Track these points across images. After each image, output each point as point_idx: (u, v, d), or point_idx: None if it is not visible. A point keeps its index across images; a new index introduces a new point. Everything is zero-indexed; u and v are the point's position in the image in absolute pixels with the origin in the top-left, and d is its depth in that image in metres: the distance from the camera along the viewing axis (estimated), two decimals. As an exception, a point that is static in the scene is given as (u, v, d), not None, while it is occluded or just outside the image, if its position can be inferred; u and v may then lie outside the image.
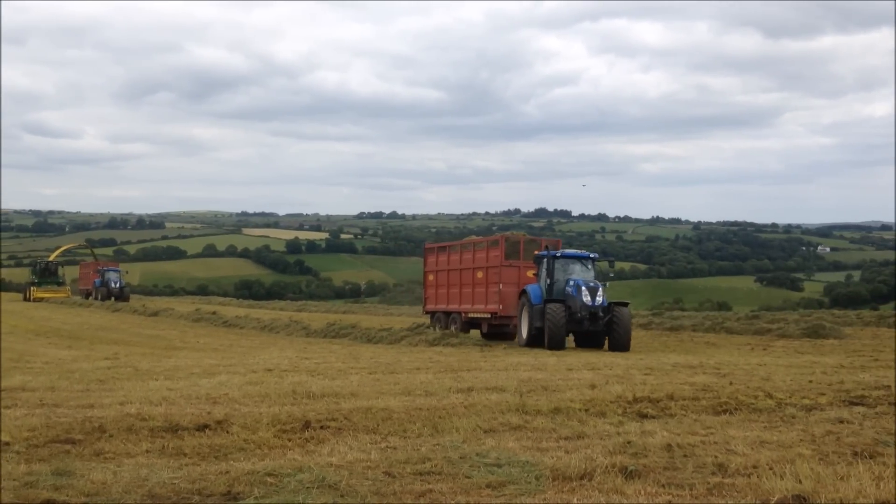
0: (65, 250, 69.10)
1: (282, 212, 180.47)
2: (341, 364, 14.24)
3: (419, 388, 9.48)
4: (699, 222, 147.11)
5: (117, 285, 51.06)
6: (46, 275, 56.10)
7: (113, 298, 49.19)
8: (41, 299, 51.79)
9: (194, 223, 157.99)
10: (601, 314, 20.54)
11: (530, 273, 23.12)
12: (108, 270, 53.38)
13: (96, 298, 50.53)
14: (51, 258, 60.38)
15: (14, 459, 5.27)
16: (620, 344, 20.26)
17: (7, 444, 5.72)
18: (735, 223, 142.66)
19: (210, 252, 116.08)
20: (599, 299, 20.77)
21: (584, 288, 20.80)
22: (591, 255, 22.40)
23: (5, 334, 27.15)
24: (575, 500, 4.57)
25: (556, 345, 20.13)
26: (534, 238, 25.45)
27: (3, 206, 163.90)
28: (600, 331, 20.67)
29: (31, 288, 54.11)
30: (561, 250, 22.55)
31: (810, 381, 10.32)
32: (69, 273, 60.02)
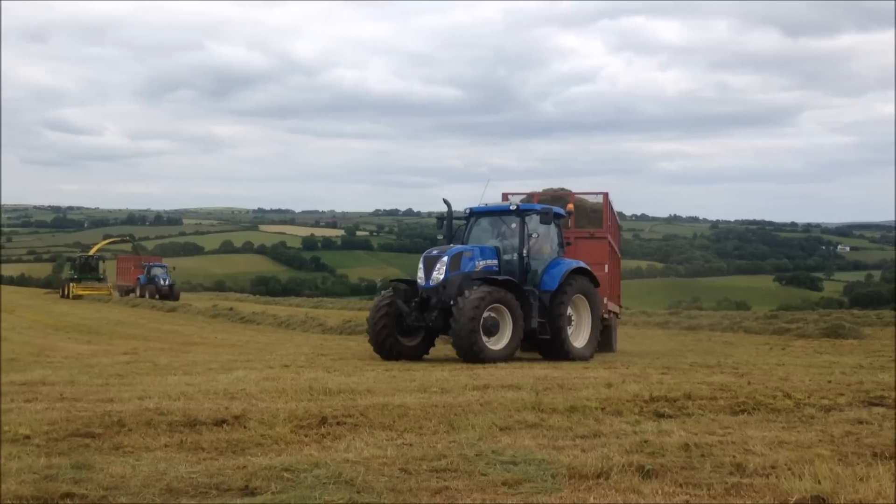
0: (107, 244, 65.52)
1: (298, 209, 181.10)
2: (357, 360, 14.28)
3: (435, 385, 9.49)
4: (717, 221, 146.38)
5: (166, 282, 47.38)
6: (86, 270, 52.67)
7: (158, 296, 45.31)
8: (80, 296, 48.78)
9: (212, 220, 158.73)
10: (442, 299, 13.65)
11: None
12: (154, 266, 49.93)
13: (142, 296, 46.78)
14: (91, 252, 56.97)
15: (34, 453, 5.32)
16: (458, 347, 13.29)
17: (27, 437, 5.77)
18: (754, 222, 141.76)
19: (227, 248, 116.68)
20: (439, 274, 13.88)
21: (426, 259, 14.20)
22: (512, 207, 15.17)
23: (26, 329, 27.42)
24: (591, 499, 4.56)
25: (382, 351, 13.97)
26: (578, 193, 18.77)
27: (23, 202, 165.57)
28: (438, 327, 13.92)
29: (71, 284, 50.79)
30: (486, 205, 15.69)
31: (829, 382, 10.23)
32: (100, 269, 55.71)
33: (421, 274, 14.13)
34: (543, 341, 14.64)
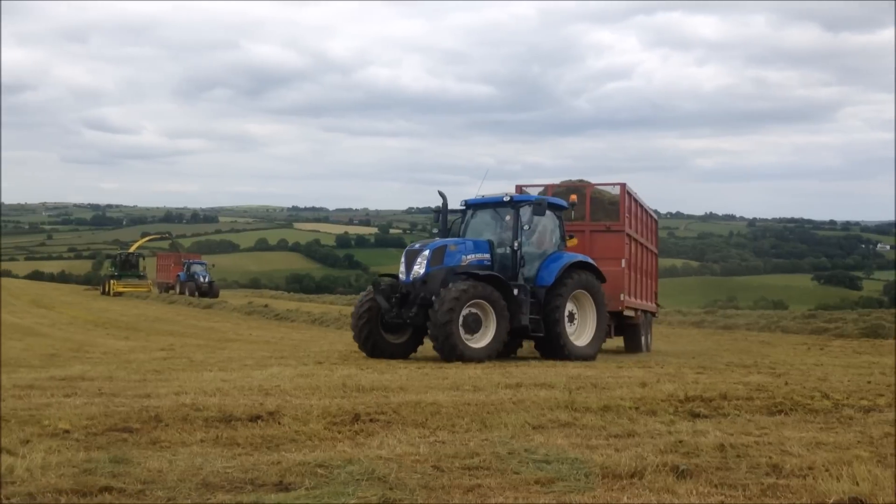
0: (147, 241, 66.04)
1: (332, 206, 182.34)
2: (390, 358, 14.32)
3: (467, 383, 9.49)
4: (754, 219, 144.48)
5: (205, 280, 47.72)
6: (127, 267, 53.09)
7: (197, 293, 45.68)
8: (121, 293, 49.40)
9: (247, 217, 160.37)
10: (422, 295, 13.17)
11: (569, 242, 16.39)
12: (194, 263, 49.99)
13: (182, 293, 47.04)
14: (131, 249, 57.53)
15: (73, 447, 5.41)
16: (436, 344, 12.94)
17: (67, 431, 5.87)
18: (791, 220, 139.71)
19: (262, 246, 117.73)
20: (420, 269, 13.47)
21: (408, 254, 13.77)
22: (505, 198, 14.51)
23: (66, 325, 27.92)
24: (625, 499, 4.53)
25: (366, 349, 13.73)
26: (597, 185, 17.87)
27: (64, 200, 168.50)
28: (417, 324, 13.42)
29: (111, 281, 51.40)
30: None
31: (868, 382, 10.06)
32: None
33: (402, 268, 13.69)
34: (539, 339, 14.14)
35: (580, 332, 14.54)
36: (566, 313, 14.12)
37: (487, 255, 13.97)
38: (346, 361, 12.95)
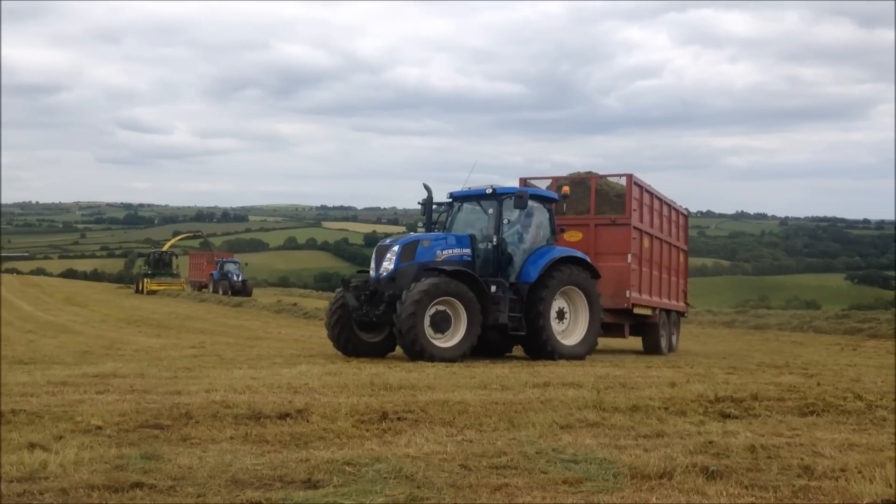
0: (179, 239, 66.17)
1: (360, 205, 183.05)
2: (365, 356, 14.32)
3: (495, 382, 9.48)
4: (786, 217, 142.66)
5: (238, 278, 47.62)
6: (160, 266, 53.20)
7: (231, 292, 45.36)
8: (154, 292, 49.49)
9: (276, 216, 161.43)
10: (391, 292, 12.75)
11: (571, 236, 16.19)
12: (227, 262, 49.98)
13: (215, 291, 46.93)
14: (165, 248, 57.51)
15: (106, 443, 5.48)
16: (400, 343, 12.61)
17: (99, 427, 5.95)
18: (824, 219, 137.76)
19: (291, 245, 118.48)
20: (389, 265, 13.07)
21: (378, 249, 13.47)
22: (488, 190, 13.85)
23: (99, 323, 28.30)
24: (654, 499, 4.50)
25: (340, 348, 13.48)
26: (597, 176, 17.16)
27: (97, 199, 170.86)
28: (384, 322, 13.06)
29: (145, 279, 51.53)
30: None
31: (904, 384, 9.89)
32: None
33: (372, 265, 13.33)
34: (522, 339, 13.62)
35: (571, 330, 14.00)
36: (555, 311, 13.65)
37: (468, 251, 13.50)
38: (373, 360, 12.99)
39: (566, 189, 15.00)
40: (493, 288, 13.12)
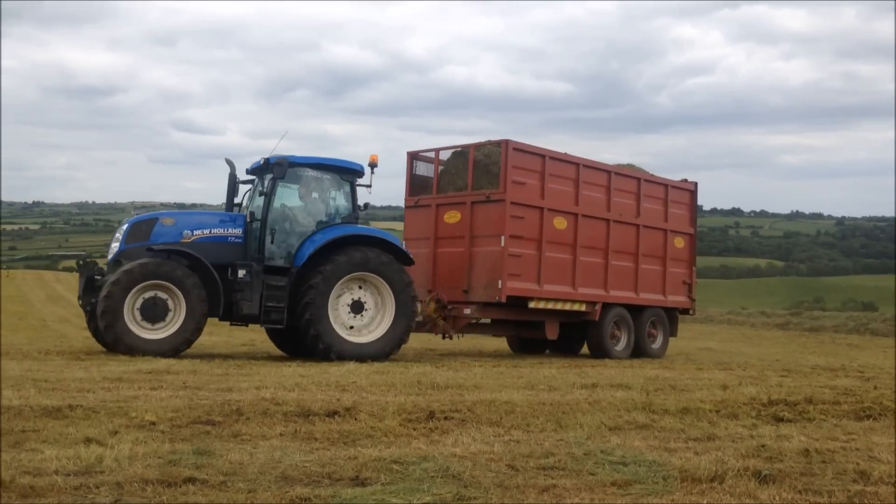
0: None
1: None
2: (464, 356, 14.35)
3: (542, 383, 9.44)
4: (843, 217, 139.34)
5: None
6: None
7: None
8: None
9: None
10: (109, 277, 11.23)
11: (451, 217, 14.49)
12: None
13: None
14: None
15: (159, 438, 5.59)
16: (100, 337, 11.49)
17: (153, 423, 6.07)
18: (882, 218, 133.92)
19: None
20: (117, 245, 11.82)
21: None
22: (261, 162, 12.54)
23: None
24: (705, 503, 4.43)
25: (107, 343, 11.34)
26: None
27: (151, 199, 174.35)
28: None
29: None
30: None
31: (966, 388, 9.59)
32: None
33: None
34: (289, 334, 12.41)
35: (373, 326, 12.35)
36: (347, 302, 12.11)
37: (239, 231, 12.06)
38: (420, 359, 13.03)
39: (374, 158, 12.94)
40: (242, 272, 11.71)
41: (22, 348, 12.06)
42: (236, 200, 12.78)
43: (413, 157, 15.45)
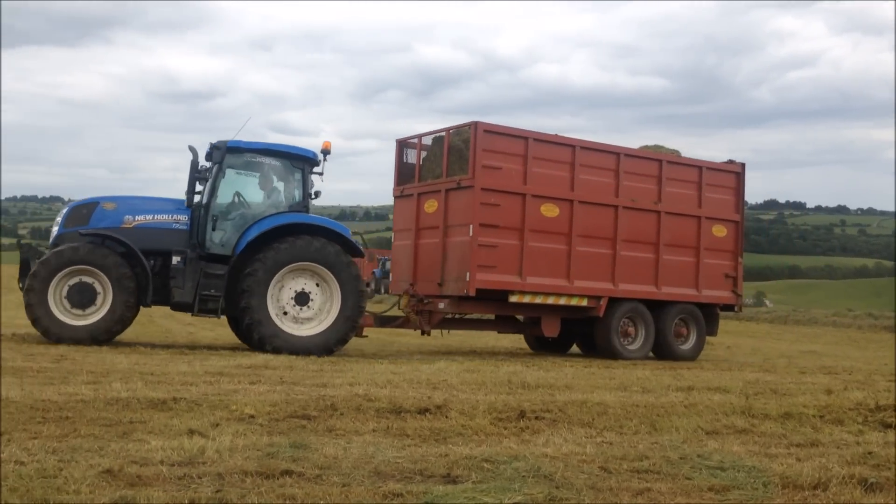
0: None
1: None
2: (555, 356, 14.24)
3: (636, 384, 9.29)
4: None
5: None
6: None
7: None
8: None
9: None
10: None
11: (430, 206, 13.72)
12: (387, 260, 46.80)
13: (377, 291, 44.36)
14: None
15: (258, 431, 5.75)
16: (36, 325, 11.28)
17: (252, 416, 6.25)
18: None
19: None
20: (55, 228, 11.99)
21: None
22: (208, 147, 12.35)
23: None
24: (807, 511, 4.27)
25: (40, 331, 11.28)
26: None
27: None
28: None
29: None
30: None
31: None
32: None
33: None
34: (235, 326, 12.27)
35: (320, 318, 11.96)
36: (292, 293, 11.76)
37: (184, 217, 11.95)
38: (511, 358, 13.00)
39: (326, 144, 12.51)
40: (176, 259, 11.57)
41: (130, 342, 12.60)
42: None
43: (402, 144, 14.65)
